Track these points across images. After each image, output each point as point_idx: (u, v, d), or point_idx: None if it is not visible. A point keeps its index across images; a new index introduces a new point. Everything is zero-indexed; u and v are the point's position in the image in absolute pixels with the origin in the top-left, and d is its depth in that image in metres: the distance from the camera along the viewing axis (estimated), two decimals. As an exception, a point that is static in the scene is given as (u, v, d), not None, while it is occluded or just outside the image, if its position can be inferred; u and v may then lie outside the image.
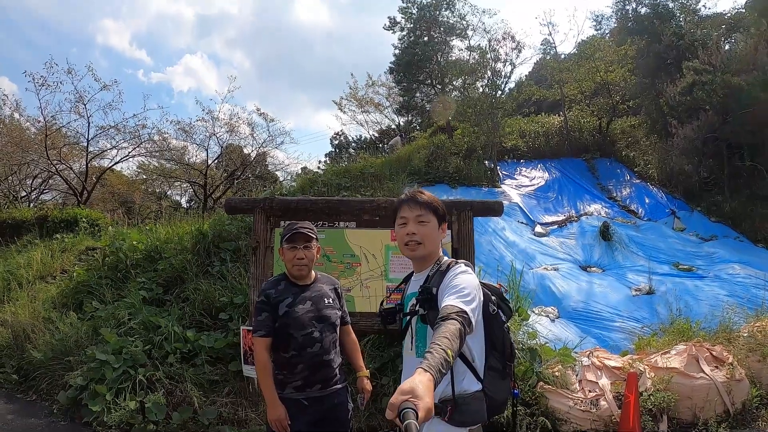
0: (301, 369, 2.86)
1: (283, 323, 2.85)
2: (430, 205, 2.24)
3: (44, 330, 6.31)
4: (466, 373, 2.07)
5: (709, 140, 13.49)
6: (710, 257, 10.72)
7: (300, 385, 2.87)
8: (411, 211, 2.23)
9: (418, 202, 2.23)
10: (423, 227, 2.21)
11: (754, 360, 5.24)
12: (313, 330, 2.88)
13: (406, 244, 2.22)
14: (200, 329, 5.98)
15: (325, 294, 3.03)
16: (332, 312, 3.02)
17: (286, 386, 2.87)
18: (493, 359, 2.15)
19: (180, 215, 11.62)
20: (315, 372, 2.89)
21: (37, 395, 5.78)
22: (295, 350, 2.86)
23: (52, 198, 22.30)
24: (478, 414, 2.08)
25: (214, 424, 4.82)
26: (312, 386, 2.89)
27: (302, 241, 2.95)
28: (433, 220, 2.23)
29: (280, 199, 5.04)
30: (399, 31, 24.36)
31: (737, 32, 15.83)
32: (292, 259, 2.93)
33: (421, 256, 2.23)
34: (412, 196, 2.27)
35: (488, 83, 17.75)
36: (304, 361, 2.86)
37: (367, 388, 3.15)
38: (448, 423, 2.01)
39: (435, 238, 2.24)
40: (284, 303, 2.87)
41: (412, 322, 2.20)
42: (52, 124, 17.21)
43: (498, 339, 2.16)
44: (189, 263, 7.08)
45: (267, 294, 2.90)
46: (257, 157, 21.69)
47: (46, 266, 9.01)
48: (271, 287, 2.94)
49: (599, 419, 4.56)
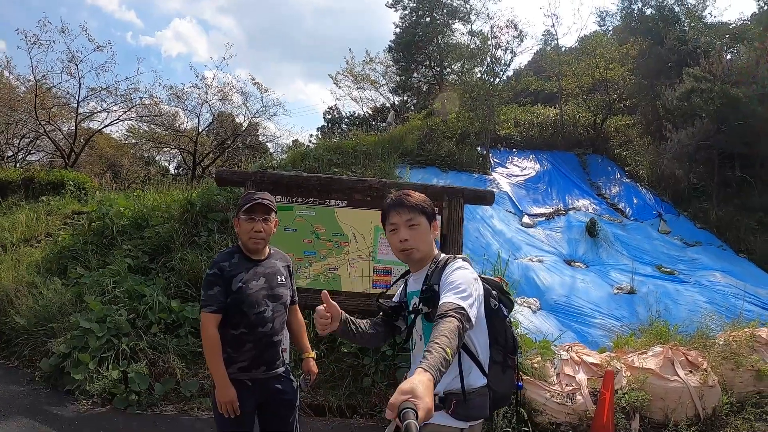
0: (249, 348, 2.72)
1: (235, 299, 2.68)
2: (419, 207, 2.18)
3: (27, 295, 6.24)
4: (472, 368, 2.07)
5: (702, 147, 13.62)
6: (693, 263, 10.89)
7: (246, 365, 2.73)
8: (400, 216, 2.16)
9: (406, 207, 2.17)
10: (415, 231, 2.16)
11: (728, 368, 5.35)
12: (266, 309, 2.74)
13: (401, 250, 2.18)
14: (185, 300, 5.97)
15: (278, 271, 2.87)
16: (284, 290, 2.87)
17: (231, 365, 2.69)
18: (496, 353, 2.15)
19: (168, 182, 11.47)
20: (263, 352, 2.76)
21: (20, 361, 5.75)
22: (245, 328, 2.70)
23: (39, 159, 21.97)
24: (481, 409, 2.09)
25: (196, 396, 4.86)
26: (258, 367, 2.75)
27: (261, 212, 2.74)
28: (424, 221, 2.18)
29: (272, 173, 5.03)
30: (401, 10, 24.12)
31: (740, 43, 15.85)
32: (249, 231, 2.73)
33: (416, 260, 2.20)
34: (399, 200, 2.19)
35: (487, 69, 17.70)
36: (253, 340, 2.72)
37: (313, 369, 3.00)
38: (451, 416, 2.01)
39: (428, 240, 2.20)
40: (238, 278, 2.69)
41: (417, 320, 2.18)
42: (43, 84, 16.90)
43: (500, 333, 2.16)
44: (176, 232, 7.00)
45: (221, 267, 2.70)
46: (249, 127, 21.45)
47: (30, 229, 8.89)
48: (224, 260, 2.74)
49: (574, 413, 4.65)
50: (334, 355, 5.31)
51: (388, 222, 2.22)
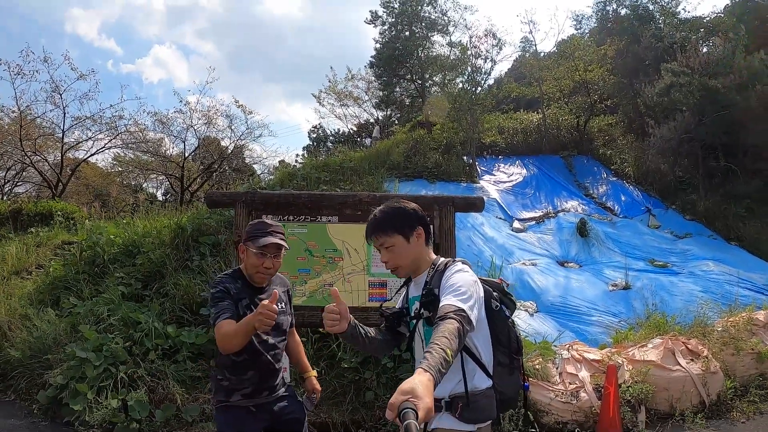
0: (251, 375, 2.68)
1: None
2: (389, 226, 2.20)
3: (21, 327, 6.14)
4: (476, 370, 2.07)
5: (684, 140, 13.77)
6: (684, 254, 10.96)
7: (249, 392, 2.69)
8: (375, 242, 2.23)
9: (376, 231, 2.21)
10: (391, 252, 2.21)
11: (728, 353, 5.41)
12: (268, 337, 2.71)
13: (389, 270, 2.25)
14: (181, 325, 5.91)
15: (278, 298, 2.77)
16: (284, 318, 2.83)
17: (234, 393, 2.67)
18: (500, 354, 2.15)
19: (156, 208, 11.43)
20: (266, 380, 2.73)
21: (16, 395, 5.63)
22: (248, 355, 2.64)
23: (26, 191, 21.75)
24: (489, 411, 2.09)
25: (198, 421, 4.79)
26: (261, 393, 2.72)
27: (274, 249, 2.69)
28: (398, 239, 2.19)
29: (263, 193, 5.03)
30: (380, 26, 24.37)
31: (715, 36, 16.16)
32: (258, 265, 2.66)
33: (405, 274, 2.27)
34: (370, 226, 2.24)
35: (468, 79, 17.89)
36: (255, 368, 2.69)
37: (317, 387, 3.00)
38: (458, 419, 2.01)
39: (409, 254, 2.21)
40: (243, 303, 2.64)
41: (419, 325, 2.18)
42: (27, 114, 16.77)
43: (503, 334, 2.16)
44: (168, 257, 6.96)
45: (227, 287, 2.63)
46: (235, 149, 21.46)
47: (21, 261, 8.78)
48: (229, 282, 2.67)
49: (580, 410, 4.65)
50: (334, 371, 5.26)
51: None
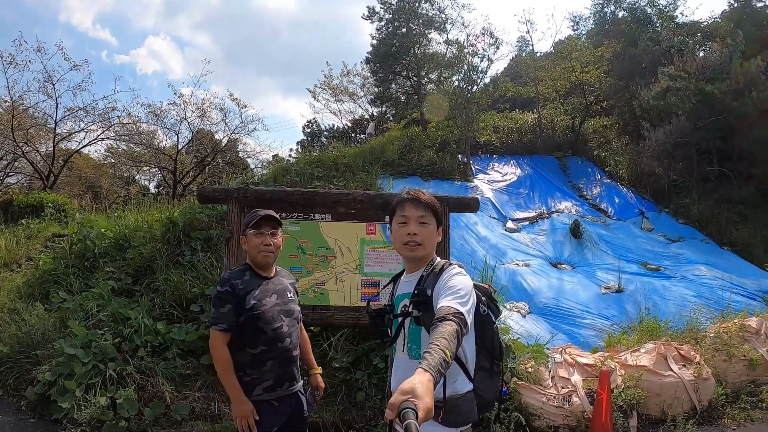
0: (271, 366, 2.70)
1: (250, 317, 2.66)
2: (433, 206, 2.22)
3: (10, 322, 6.05)
4: (459, 374, 2.07)
5: (679, 144, 13.84)
6: (677, 258, 11.02)
7: (270, 385, 2.71)
8: (414, 211, 2.19)
9: (421, 203, 2.20)
10: (424, 228, 2.19)
11: (720, 359, 5.42)
12: (282, 324, 2.74)
13: (405, 243, 2.19)
14: (171, 321, 5.82)
15: (287, 287, 2.90)
16: (295, 306, 2.90)
17: (255, 387, 2.68)
18: (483, 359, 2.15)
19: (149, 201, 11.33)
20: (285, 369, 2.75)
21: (4, 391, 5.54)
22: (265, 345, 2.68)
23: (17, 181, 21.49)
24: (470, 414, 2.09)
25: (187, 420, 4.74)
26: (282, 385, 2.74)
27: (269, 226, 2.76)
28: (434, 222, 2.22)
29: (255, 189, 4.99)
30: (377, 22, 24.21)
31: (713, 41, 16.23)
32: (258, 245, 2.73)
33: (419, 257, 2.21)
34: (415, 195, 2.23)
35: (464, 77, 17.85)
36: (274, 357, 2.70)
37: (321, 385, 3.06)
38: (441, 424, 2.00)
39: (434, 240, 2.23)
40: (251, 295, 2.67)
41: (405, 323, 2.16)
42: (19, 104, 16.55)
43: (488, 338, 2.16)
44: (159, 252, 6.86)
45: (232, 284, 2.67)
46: (228, 143, 21.29)
47: (11, 253, 8.69)
48: (236, 277, 2.72)
49: (572, 415, 4.64)
50: (326, 371, 5.19)
51: (399, 214, 2.23)
